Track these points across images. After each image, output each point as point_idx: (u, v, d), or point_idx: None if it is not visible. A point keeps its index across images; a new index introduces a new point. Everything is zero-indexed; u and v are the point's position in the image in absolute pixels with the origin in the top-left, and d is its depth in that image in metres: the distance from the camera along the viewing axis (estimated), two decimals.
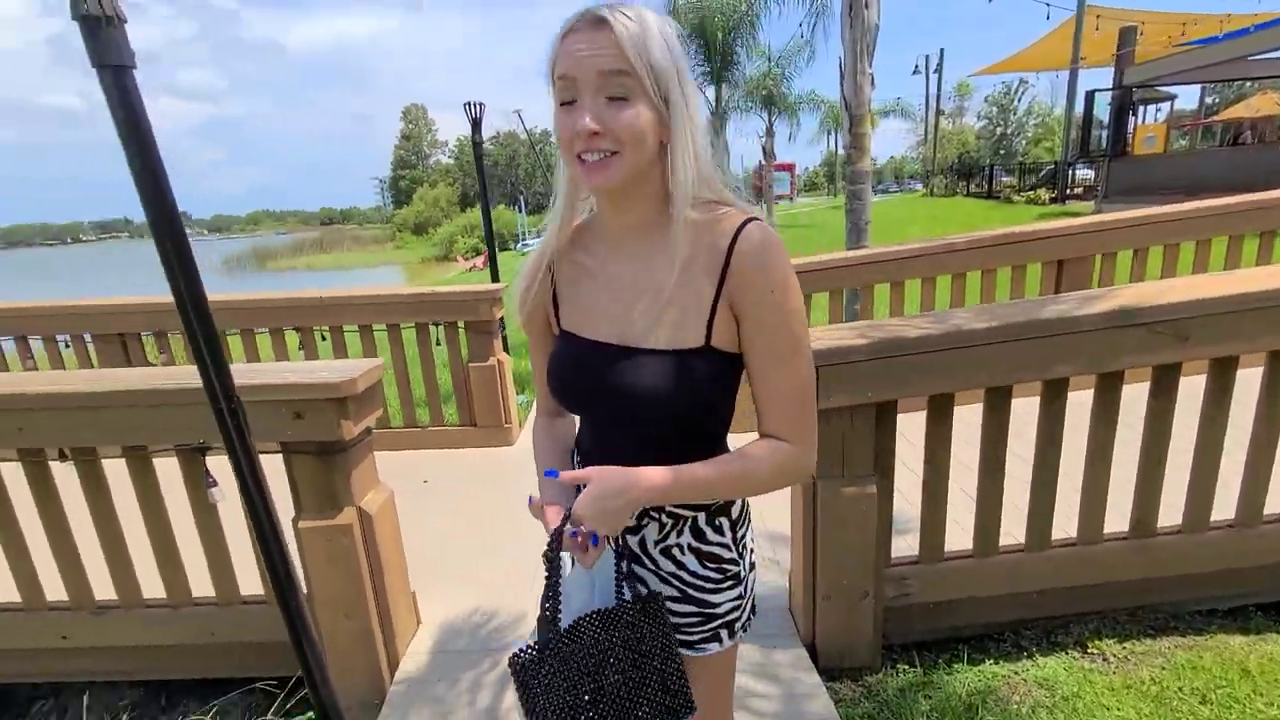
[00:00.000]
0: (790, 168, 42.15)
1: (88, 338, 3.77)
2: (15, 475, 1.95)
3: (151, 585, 2.06)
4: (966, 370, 1.85)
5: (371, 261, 39.67)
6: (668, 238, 0.86)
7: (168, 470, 1.91)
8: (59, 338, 3.79)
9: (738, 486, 0.90)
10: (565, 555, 0.95)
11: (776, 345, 0.85)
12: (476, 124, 4.11)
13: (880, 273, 3.70)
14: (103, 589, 2.07)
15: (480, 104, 4.01)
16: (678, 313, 0.86)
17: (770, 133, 22.15)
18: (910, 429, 2.11)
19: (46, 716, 2.36)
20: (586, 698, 0.86)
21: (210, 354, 1.40)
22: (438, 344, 3.69)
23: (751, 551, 1.06)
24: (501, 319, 3.90)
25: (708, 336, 0.86)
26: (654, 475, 0.85)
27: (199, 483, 1.90)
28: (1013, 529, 2.12)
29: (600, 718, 0.86)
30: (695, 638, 1.02)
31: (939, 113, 36.97)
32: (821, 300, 3.76)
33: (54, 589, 2.06)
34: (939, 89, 35.50)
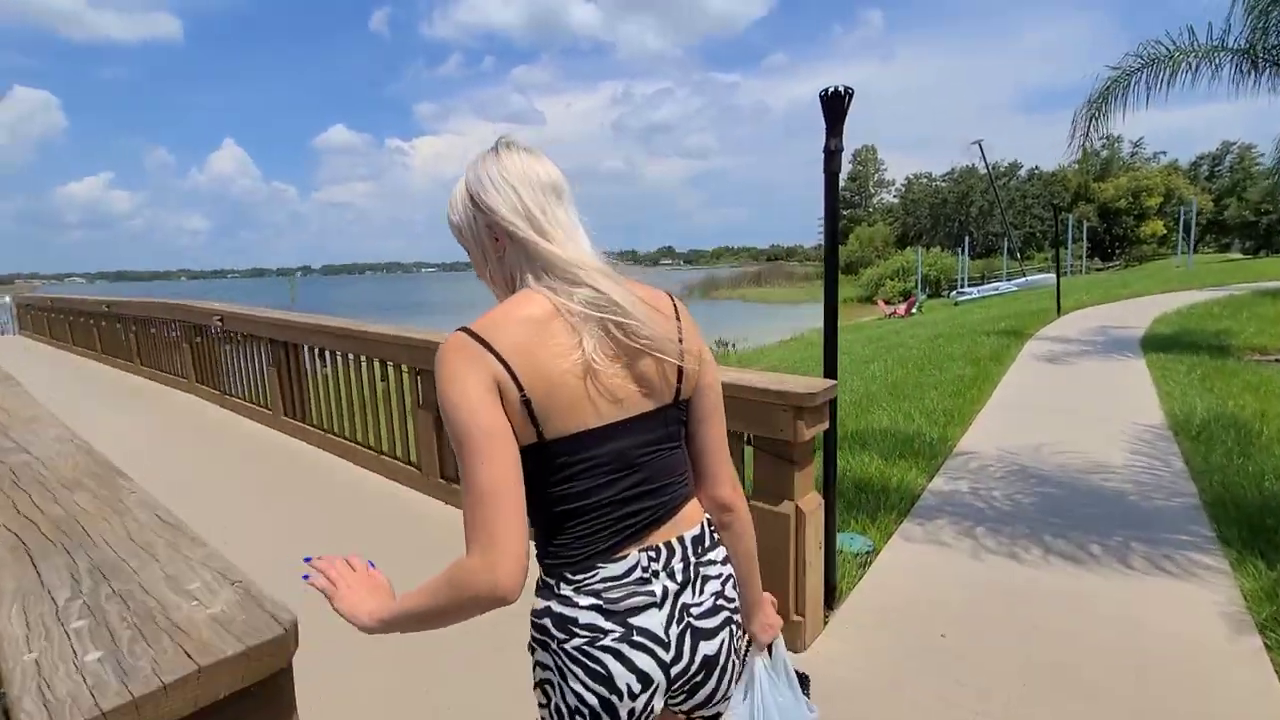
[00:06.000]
0: None
1: None
2: None
3: None
4: None
5: (795, 298, 40.75)
6: None
7: None
8: None
9: (429, 613, 0.87)
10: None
11: None
12: (832, 156, 2.67)
13: None
14: None
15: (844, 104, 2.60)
16: None
17: None
18: None
19: None
20: None
21: None
22: None
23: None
24: (827, 435, 2.40)
25: None
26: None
27: None
28: None
29: None
30: None
31: None
32: None
33: None
34: None
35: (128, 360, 8.40)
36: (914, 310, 22.25)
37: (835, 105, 2.44)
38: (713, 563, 0.99)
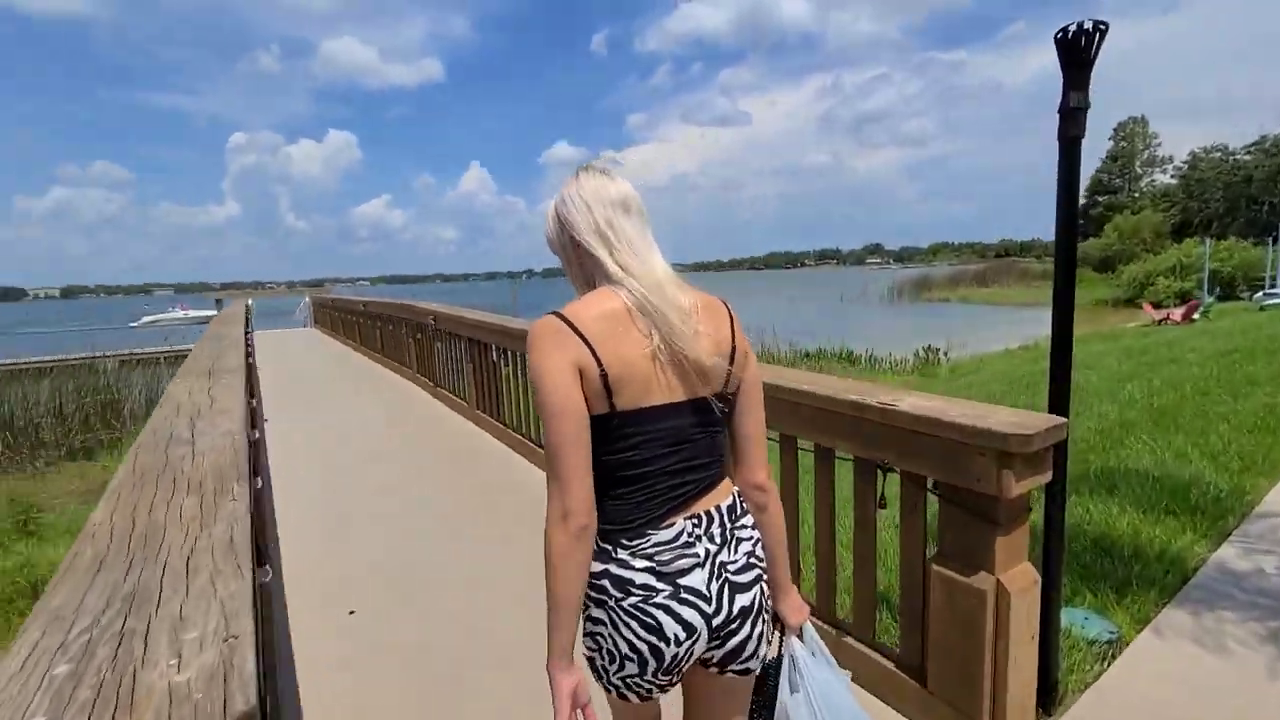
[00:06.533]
0: None
1: None
2: None
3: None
4: None
5: (1028, 299, 35.22)
6: None
7: None
8: None
9: (552, 590, 1.00)
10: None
11: None
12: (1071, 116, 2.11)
13: None
14: None
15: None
16: None
17: None
18: None
19: None
20: None
21: None
22: (881, 505, 1.96)
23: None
24: (1052, 488, 1.82)
25: None
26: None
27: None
28: None
29: None
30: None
31: None
32: None
33: None
34: None
35: (375, 351, 9.87)
36: (1196, 315, 17.85)
37: (1077, 49, 1.83)
38: (744, 527, 1.13)
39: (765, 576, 1.13)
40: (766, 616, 1.13)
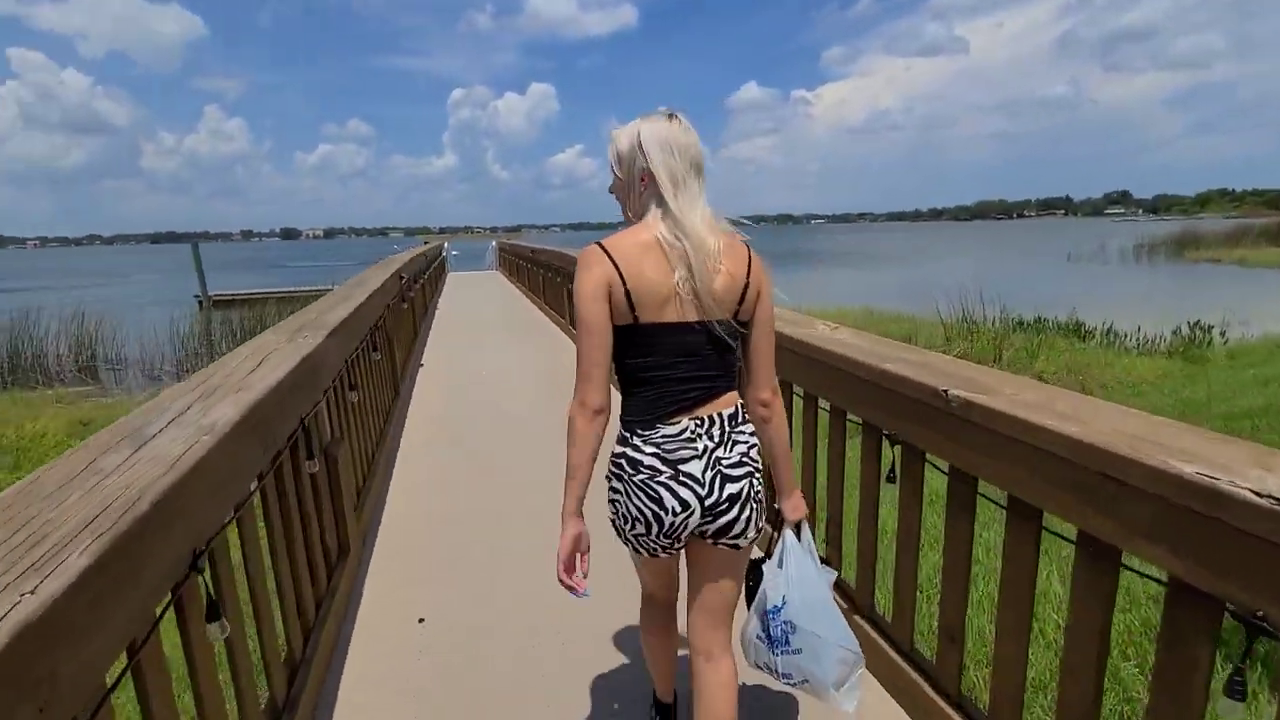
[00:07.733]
0: None
1: None
2: None
3: None
4: None
5: None
6: None
7: None
8: None
9: (571, 460, 1.32)
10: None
11: None
12: None
13: None
14: None
15: None
16: None
17: None
18: None
19: None
20: None
21: None
22: (1237, 690, 1.00)
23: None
24: None
25: None
26: None
27: None
28: None
29: None
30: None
31: None
32: None
33: None
34: None
35: (538, 296, 9.92)
36: None
37: None
38: (742, 433, 1.39)
39: (757, 475, 1.38)
40: (755, 505, 1.37)
